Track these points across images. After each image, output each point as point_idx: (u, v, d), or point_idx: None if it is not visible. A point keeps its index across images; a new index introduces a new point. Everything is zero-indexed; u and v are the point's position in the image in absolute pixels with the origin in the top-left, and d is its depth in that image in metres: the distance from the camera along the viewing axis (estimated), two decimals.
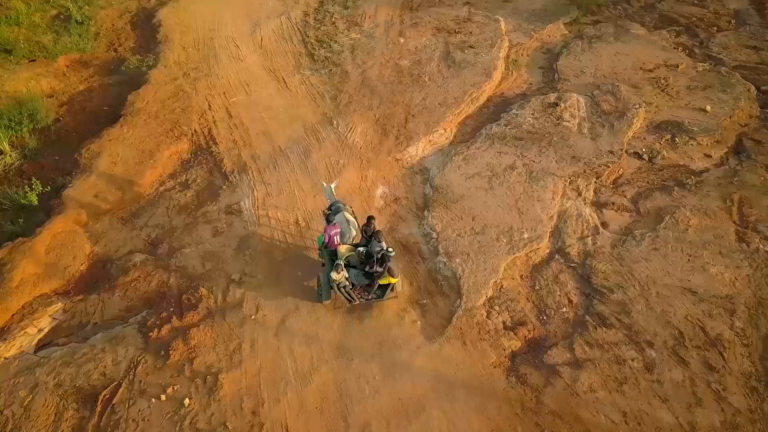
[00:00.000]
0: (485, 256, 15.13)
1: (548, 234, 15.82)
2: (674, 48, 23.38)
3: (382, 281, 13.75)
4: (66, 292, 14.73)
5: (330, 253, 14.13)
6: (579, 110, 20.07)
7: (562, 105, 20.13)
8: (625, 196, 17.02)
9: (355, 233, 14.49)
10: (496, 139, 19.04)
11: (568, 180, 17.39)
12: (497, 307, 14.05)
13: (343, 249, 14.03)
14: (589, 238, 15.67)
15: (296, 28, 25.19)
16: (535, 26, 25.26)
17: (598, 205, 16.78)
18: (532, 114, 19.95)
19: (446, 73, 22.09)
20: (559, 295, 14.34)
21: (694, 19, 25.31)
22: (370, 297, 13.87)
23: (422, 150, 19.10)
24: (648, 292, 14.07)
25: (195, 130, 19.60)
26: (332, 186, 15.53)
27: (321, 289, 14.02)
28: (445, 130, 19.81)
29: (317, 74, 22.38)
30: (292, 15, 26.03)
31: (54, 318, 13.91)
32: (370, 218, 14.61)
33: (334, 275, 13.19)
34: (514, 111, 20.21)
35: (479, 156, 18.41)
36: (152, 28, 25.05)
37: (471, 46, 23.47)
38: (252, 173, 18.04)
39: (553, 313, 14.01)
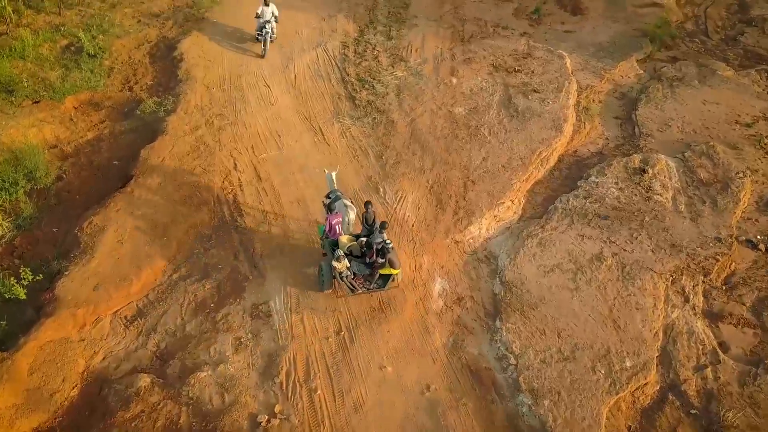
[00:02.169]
0: (581, 396, 11.88)
1: (655, 361, 12.55)
2: None
3: (384, 271, 13.79)
4: (49, 431, 11.69)
5: (331, 243, 14.15)
6: (671, 178, 16.87)
7: (650, 171, 16.91)
8: (744, 304, 13.77)
9: (354, 217, 14.48)
10: (576, 216, 15.86)
11: (670, 278, 14.19)
12: None
13: (344, 239, 14.16)
14: (709, 368, 12.39)
15: (334, 63, 22.05)
16: (604, 64, 22.24)
17: (712, 317, 13.53)
18: (616, 183, 16.77)
19: (508, 125, 18.94)
20: None
21: None
22: (371, 287, 13.91)
23: (486, 229, 15.96)
24: None
25: (217, 197, 16.47)
26: (333, 174, 15.47)
27: (322, 278, 14.03)
28: (512, 201, 16.65)
29: (359, 123, 19.26)
30: (329, 47, 22.83)
31: None
32: (367, 203, 14.67)
33: (335, 264, 13.33)
34: (593, 178, 17.01)
35: (557, 240, 15.23)
36: (173, 61, 22.02)
37: (535, 90, 20.33)
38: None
39: None
